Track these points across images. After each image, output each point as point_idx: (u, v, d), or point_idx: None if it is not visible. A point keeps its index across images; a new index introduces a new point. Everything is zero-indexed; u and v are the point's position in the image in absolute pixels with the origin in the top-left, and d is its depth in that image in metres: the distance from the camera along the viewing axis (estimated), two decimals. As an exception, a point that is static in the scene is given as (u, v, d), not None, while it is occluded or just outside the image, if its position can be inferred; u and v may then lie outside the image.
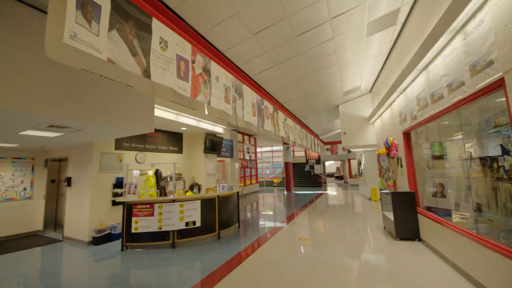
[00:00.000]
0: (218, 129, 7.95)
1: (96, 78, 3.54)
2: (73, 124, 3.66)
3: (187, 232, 4.88)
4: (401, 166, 5.42)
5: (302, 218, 7.14)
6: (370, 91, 8.27)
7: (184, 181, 7.33)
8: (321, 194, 13.21)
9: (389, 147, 6.01)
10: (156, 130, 6.92)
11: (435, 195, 4.61)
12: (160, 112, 5.68)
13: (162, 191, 6.30)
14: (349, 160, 19.30)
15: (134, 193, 4.98)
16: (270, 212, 8.29)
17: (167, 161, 7.22)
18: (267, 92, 6.06)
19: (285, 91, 6.39)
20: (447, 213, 4.29)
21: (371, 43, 5.06)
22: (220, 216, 5.37)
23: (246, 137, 15.05)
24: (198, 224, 5.00)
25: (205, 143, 7.79)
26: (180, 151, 7.71)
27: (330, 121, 11.62)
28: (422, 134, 4.84)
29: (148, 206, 4.79)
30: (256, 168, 16.39)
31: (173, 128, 7.14)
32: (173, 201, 4.86)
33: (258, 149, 24.28)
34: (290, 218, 7.11)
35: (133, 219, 4.76)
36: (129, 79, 2.30)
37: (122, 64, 2.16)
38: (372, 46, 5.25)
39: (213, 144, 8.25)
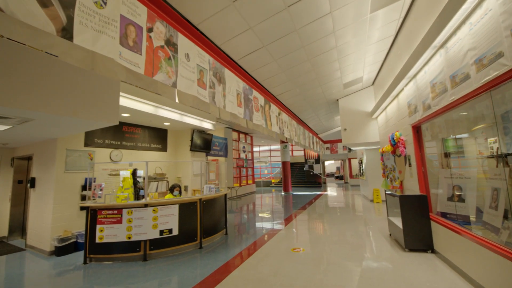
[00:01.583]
0: (206, 124, 7.25)
1: (41, 58, 2.87)
2: (14, 114, 2.98)
3: (162, 242, 4.20)
4: (410, 165, 4.73)
5: (297, 223, 6.45)
6: (373, 84, 7.58)
7: (167, 182, 6.65)
8: (320, 195, 12.52)
9: (395, 144, 5.32)
10: (136, 126, 6.24)
11: (451, 198, 3.93)
12: (134, 103, 4.99)
13: (139, 193, 5.61)
14: (349, 159, 18.62)
15: (99, 197, 4.30)
16: (264, 216, 7.61)
17: (149, 160, 6.54)
18: (256, 80, 5.37)
19: (277, 80, 5.69)
20: (466, 221, 3.61)
21: (375, 23, 4.37)
22: (203, 223, 4.68)
23: (242, 136, 14.37)
24: (175, 232, 4.31)
25: (191, 140, 7.09)
26: (164, 149, 7.03)
27: (329, 117, 10.93)
28: (436, 127, 4.15)
29: (116, 211, 4.11)
30: (253, 168, 15.70)
31: (155, 124, 6.45)
32: (145, 205, 4.18)
33: (256, 148, 23.62)
34: (284, 223, 6.42)
35: (98, 226, 4.08)
36: (39, 39, 1.63)
37: (19, 13, 1.47)
38: (376, 27, 4.56)
39: (201, 142, 7.56)
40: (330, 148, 17.04)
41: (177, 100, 3.05)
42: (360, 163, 12.16)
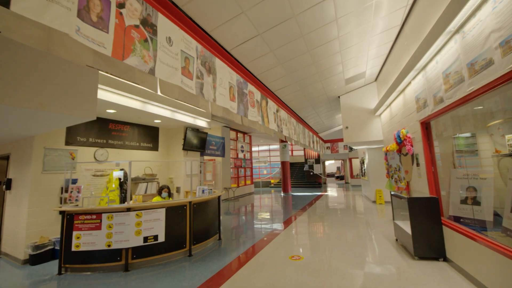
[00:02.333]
0: (200, 122, 6.86)
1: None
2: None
3: (146, 250, 3.82)
4: (418, 164, 4.36)
5: (297, 227, 6.08)
6: (376, 80, 7.21)
7: (158, 183, 6.27)
8: (321, 196, 12.14)
9: (401, 142, 4.95)
10: (124, 123, 5.85)
11: (465, 201, 3.56)
12: (120, 98, 4.60)
13: (126, 195, 5.22)
14: (350, 159, 18.25)
15: (77, 199, 3.91)
16: (261, 218, 7.23)
17: (139, 159, 6.16)
18: (251, 73, 4.98)
19: (275, 74, 5.31)
20: (482, 226, 3.25)
21: (379, 11, 4.01)
22: (193, 228, 4.31)
23: (240, 135, 13.99)
24: (161, 239, 3.93)
25: (184, 139, 6.71)
26: (155, 148, 6.64)
27: (330, 115, 10.56)
28: (447, 122, 3.78)
29: (94, 216, 3.72)
30: (251, 168, 15.33)
31: (145, 121, 6.07)
32: (128, 210, 3.80)
33: (255, 148, 23.25)
34: (283, 226, 6.04)
35: (74, 233, 3.70)
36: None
37: None
38: (380, 16, 4.19)
39: (195, 140, 7.17)
40: (330, 147, 16.67)
41: (159, 91, 2.68)
42: (362, 163, 11.79)
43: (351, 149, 16.20)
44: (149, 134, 6.47)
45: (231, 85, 3.78)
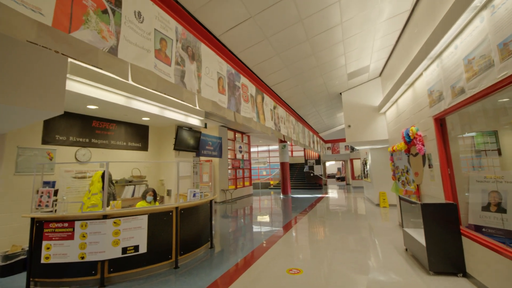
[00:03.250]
0: (193, 120, 6.42)
1: None
2: None
3: (125, 262, 3.38)
4: (430, 165, 3.91)
5: (296, 234, 5.63)
6: (380, 75, 6.77)
7: (147, 185, 5.84)
8: (321, 198, 11.68)
9: (410, 141, 4.50)
10: (109, 121, 5.42)
11: (487, 208, 3.12)
12: (101, 93, 4.17)
13: (110, 199, 4.79)
14: (351, 160, 17.78)
15: (47, 205, 3.48)
16: (259, 222, 6.78)
17: (126, 160, 5.73)
18: (244, 64, 4.53)
19: (271, 66, 4.86)
20: (509, 236, 2.81)
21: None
22: (180, 236, 3.87)
23: (238, 135, 13.56)
24: (142, 249, 3.49)
25: (175, 138, 6.27)
26: (144, 147, 6.21)
27: (331, 114, 10.11)
28: (466, 117, 3.34)
29: (66, 224, 3.29)
30: (250, 169, 14.88)
31: (132, 119, 5.63)
32: (104, 217, 3.36)
33: (254, 149, 22.81)
34: (280, 233, 5.59)
35: (44, 243, 3.27)
36: None
37: None
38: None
39: (188, 140, 6.73)
40: (331, 148, 16.22)
41: (130, 79, 2.25)
42: (364, 163, 11.33)
43: (352, 149, 15.74)
44: (138, 133, 6.04)
45: (220, 75, 3.34)
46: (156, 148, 6.53)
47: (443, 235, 3.22)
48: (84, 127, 4.97)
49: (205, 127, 9.41)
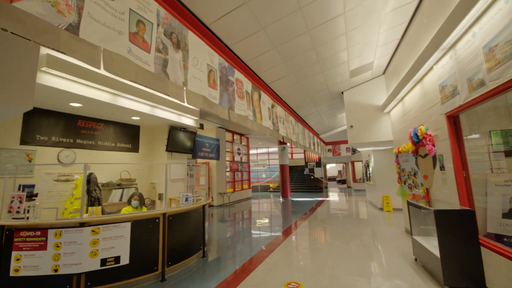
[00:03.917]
0: (187, 120, 6.09)
1: None
2: None
3: (105, 275, 3.03)
4: (442, 167, 3.58)
5: (295, 241, 5.28)
6: (384, 73, 6.46)
7: (136, 189, 5.50)
8: (322, 201, 11.32)
9: (418, 141, 4.18)
10: (96, 120, 5.10)
11: (509, 215, 2.79)
12: (83, 89, 3.85)
13: (95, 204, 4.46)
14: (352, 162, 17.43)
15: (18, 211, 3.14)
16: (257, 228, 6.43)
17: (114, 162, 5.40)
18: (239, 58, 4.20)
19: (268, 61, 4.54)
20: (534, 248, 2.48)
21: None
22: (168, 246, 3.53)
23: (236, 137, 13.24)
24: (124, 260, 3.15)
25: (168, 139, 5.93)
26: (135, 149, 5.87)
27: (332, 115, 9.79)
28: (482, 115, 3.02)
29: (39, 233, 2.95)
30: (249, 172, 14.54)
31: (121, 118, 5.31)
32: (81, 225, 3.02)
33: (254, 151, 22.47)
34: (279, 240, 5.24)
35: (13, 254, 2.92)
36: None
37: None
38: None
39: (181, 141, 6.39)
40: (332, 150, 15.89)
41: (102, 67, 1.94)
42: (367, 166, 10.99)
43: (353, 151, 15.42)
44: (128, 134, 5.71)
45: (211, 68, 3.02)
46: (148, 150, 6.20)
47: (460, 245, 2.88)
48: (68, 126, 4.65)
49: (202, 128, 9.10)
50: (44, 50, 3.27)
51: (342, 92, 7.15)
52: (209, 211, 9.56)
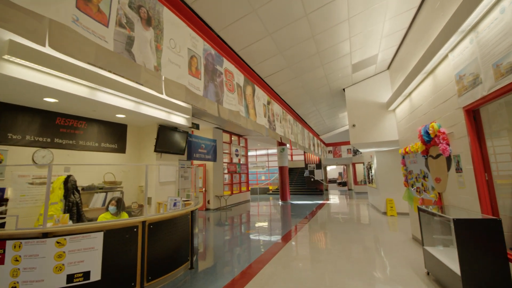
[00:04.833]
0: (177, 118, 5.67)
1: None
2: None
3: (71, 294, 2.61)
4: (459, 169, 3.16)
5: (294, 249, 4.86)
6: (389, 67, 6.06)
7: (121, 193, 5.09)
8: (323, 204, 10.88)
9: (430, 140, 3.76)
10: (78, 118, 4.69)
11: (542, 225, 2.37)
12: (57, 82, 3.45)
13: (73, 209, 4.05)
14: (354, 164, 16.99)
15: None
16: (253, 234, 6.00)
17: (97, 163, 4.99)
18: (229, 47, 3.77)
19: (262, 52, 4.13)
20: None
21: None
22: (148, 258, 3.11)
23: (234, 137, 12.83)
24: (95, 276, 2.73)
25: (156, 139, 5.52)
26: (121, 149, 5.46)
27: (333, 114, 9.38)
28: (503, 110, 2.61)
29: (-7, 245, 2.54)
30: (247, 174, 14.11)
31: (104, 115, 4.90)
32: (44, 235, 2.61)
33: (253, 153, 22.07)
34: (277, 247, 4.81)
35: (-37, 271, 2.51)
36: None
37: None
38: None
39: (172, 141, 5.99)
40: (333, 151, 15.47)
41: (47, 44, 1.55)
42: (369, 168, 10.56)
43: (355, 153, 14.99)
44: (113, 133, 5.31)
45: (193, 54, 2.62)
46: (136, 150, 5.79)
47: (484, 260, 2.45)
48: (45, 124, 4.25)
49: (198, 128, 8.70)
50: (6, 35, 2.88)
51: (344, 89, 6.75)
52: (205, 215, 9.14)
